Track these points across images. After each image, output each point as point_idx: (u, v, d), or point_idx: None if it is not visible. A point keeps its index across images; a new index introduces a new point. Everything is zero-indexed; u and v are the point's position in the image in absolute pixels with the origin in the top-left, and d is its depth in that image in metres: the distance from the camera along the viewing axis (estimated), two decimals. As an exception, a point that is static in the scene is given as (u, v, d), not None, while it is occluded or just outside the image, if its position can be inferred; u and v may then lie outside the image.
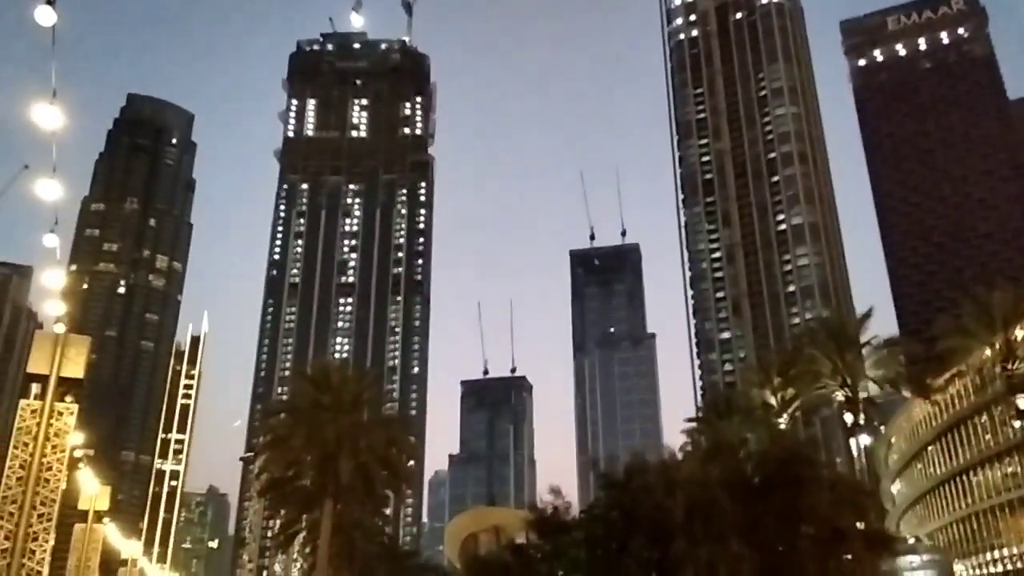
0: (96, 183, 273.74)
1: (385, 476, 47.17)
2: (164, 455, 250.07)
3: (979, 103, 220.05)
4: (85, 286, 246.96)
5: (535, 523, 39.65)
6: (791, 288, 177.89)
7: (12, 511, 13.10)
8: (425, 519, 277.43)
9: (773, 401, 55.94)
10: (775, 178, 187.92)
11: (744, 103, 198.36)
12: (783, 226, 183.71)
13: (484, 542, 68.47)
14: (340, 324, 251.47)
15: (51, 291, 15.21)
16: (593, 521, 34.92)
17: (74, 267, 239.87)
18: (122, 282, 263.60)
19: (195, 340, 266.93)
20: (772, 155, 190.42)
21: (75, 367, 14.17)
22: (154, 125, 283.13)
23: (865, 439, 55.32)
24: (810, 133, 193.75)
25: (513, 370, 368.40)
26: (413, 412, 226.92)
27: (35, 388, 14.47)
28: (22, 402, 14.28)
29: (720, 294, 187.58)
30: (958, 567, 67.16)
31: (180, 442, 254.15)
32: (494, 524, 71.82)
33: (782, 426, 53.54)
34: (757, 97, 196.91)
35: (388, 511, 75.90)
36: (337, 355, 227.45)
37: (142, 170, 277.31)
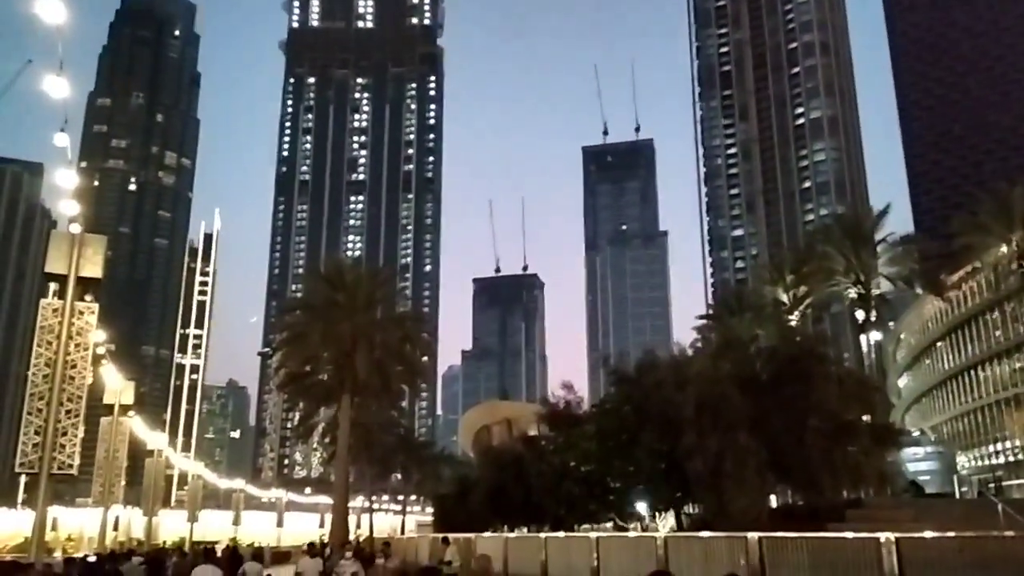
0: (101, 78, 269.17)
1: (400, 371, 48.28)
2: (184, 350, 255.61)
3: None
4: (96, 183, 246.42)
5: (547, 416, 40.55)
6: (807, 185, 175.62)
7: (40, 407, 13.47)
8: (439, 412, 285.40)
9: (785, 298, 56.07)
10: (795, 70, 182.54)
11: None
12: (801, 120, 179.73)
13: (497, 434, 70.42)
14: (352, 222, 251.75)
15: (65, 191, 15.14)
16: (604, 415, 35.63)
17: (84, 164, 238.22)
18: (132, 179, 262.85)
19: (208, 237, 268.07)
20: (793, 45, 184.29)
21: (93, 266, 14.25)
22: (156, 16, 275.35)
23: (875, 335, 55.73)
24: (833, 23, 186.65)
25: (525, 268, 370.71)
26: (426, 309, 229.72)
27: (53, 287, 14.58)
28: (43, 302, 14.43)
29: (734, 191, 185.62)
30: (960, 459, 68.86)
31: (198, 337, 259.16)
32: (506, 417, 73.72)
33: (793, 323, 53.85)
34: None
35: (404, 404, 78.07)
36: (349, 253, 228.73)
37: (146, 63, 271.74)
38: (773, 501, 34.90)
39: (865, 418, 33.55)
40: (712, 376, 29.33)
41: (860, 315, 52.32)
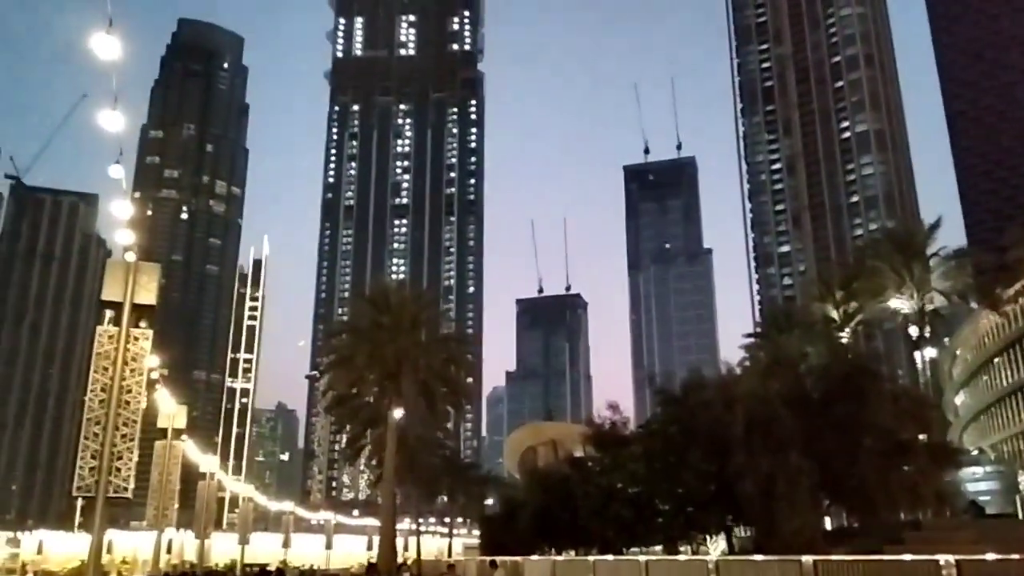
0: (153, 110, 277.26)
1: (445, 392, 48.43)
2: (234, 374, 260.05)
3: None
4: (149, 213, 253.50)
5: (593, 437, 40.22)
6: (854, 199, 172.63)
7: (97, 431, 13.82)
8: (485, 433, 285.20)
9: (835, 315, 54.94)
10: (839, 83, 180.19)
11: (807, 3, 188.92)
12: (847, 134, 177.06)
13: (543, 455, 70.10)
14: (396, 245, 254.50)
15: (120, 221, 15.60)
16: (651, 435, 35.24)
17: (137, 194, 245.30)
18: (184, 208, 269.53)
19: (257, 263, 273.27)
20: (836, 59, 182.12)
21: (147, 294, 14.63)
22: (206, 50, 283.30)
23: (930, 352, 54.23)
24: (877, 34, 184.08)
25: (568, 288, 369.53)
26: (469, 331, 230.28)
27: (109, 314, 15.00)
28: (99, 328, 14.86)
29: (780, 207, 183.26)
30: (1022, 477, 66.42)
31: (248, 361, 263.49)
32: (552, 438, 73.35)
33: (844, 340, 52.73)
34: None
35: (449, 426, 78.28)
36: (393, 276, 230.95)
37: (197, 96, 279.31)
38: (827, 523, 34.07)
39: (921, 437, 32.62)
40: (761, 395, 28.88)
41: (914, 331, 50.99)
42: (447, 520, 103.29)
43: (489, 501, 79.50)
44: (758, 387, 30.18)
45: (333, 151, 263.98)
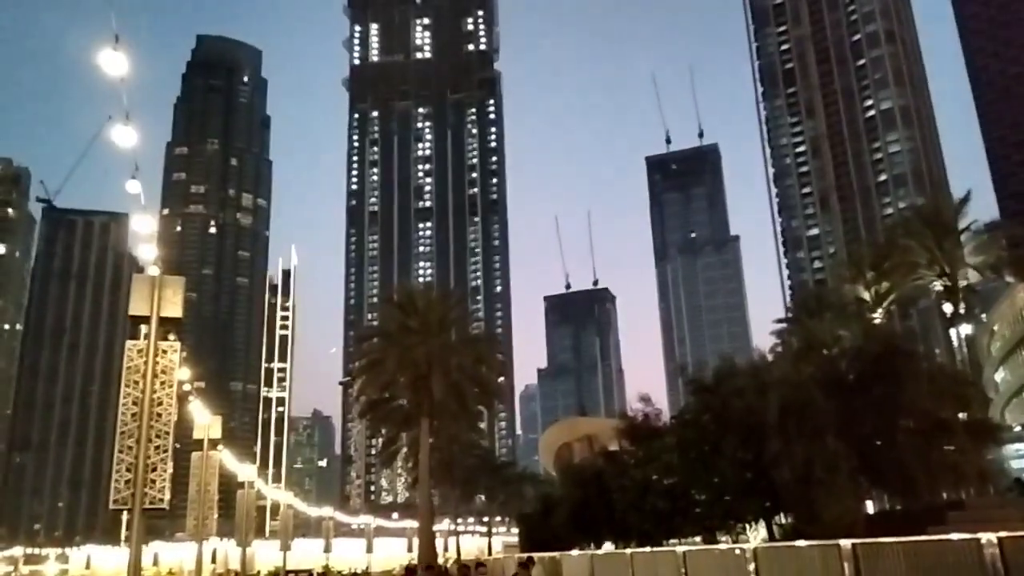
0: (177, 128, 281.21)
1: (476, 392, 48.55)
2: (269, 383, 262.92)
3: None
4: (179, 228, 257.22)
5: (626, 430, 40.03)
6: (882, 178, 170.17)
7: (130, 445, 14.03)
8: (519, 431, 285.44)
9: (867, 296, 54.16)
10: (861, 61, 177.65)
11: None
12: (871, 112, 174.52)
13: (578, 451, 69.91)
14: (421, 248, 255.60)
15: (143, 235, 15.82)
16: (684, 426, 34.97)
17: (166, 211, 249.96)
18: (212, 222, 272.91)
19: (286, 273, 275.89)
20: (856, 37, 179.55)
21: (173, 307, 14.82)
22: (225, 65, 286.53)
23: (966, 328, 53.25)
24: (897, 10, 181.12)
25: (595, 282, 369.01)
26: (499, 330, 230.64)
27: (144, 328, 15.23)
28: (128, 343, 15.10)
29: (806, 189, 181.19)
30: (1070, 453, 64.90)
31: (282, 370, 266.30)
32: (586, 433, 73.12)
33: (877, 321, 51.96)
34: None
35: (483, 425, 78.45)
36: (420, 279, 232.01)
37: (218, 111, 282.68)
38: (870, 507, 33.59)
39: (961, 415, 32.00)
40: (795, 380, 28.53)
41: (948, 308, 50.13)
42: (486, 519, 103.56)
43: (526, 499, 79.53)
44: (791, 372, 29.82)
45: (355, 158, 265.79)
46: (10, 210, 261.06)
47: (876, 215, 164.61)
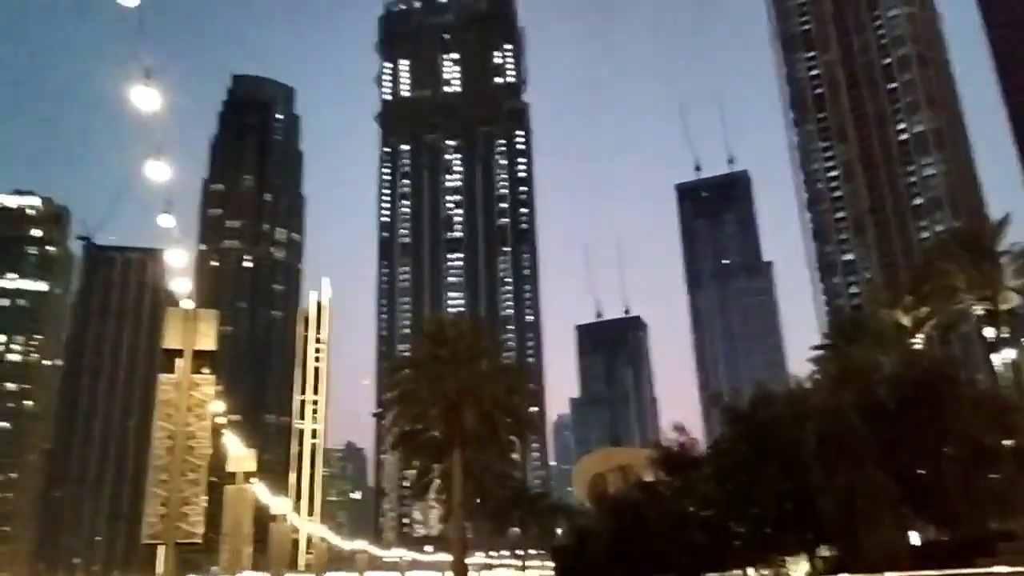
0: (213, 165, 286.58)
1: (508, 423, 48.16)
2: (303, 416, 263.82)
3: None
4: (215, 263, 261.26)
5: (662, 461, 39.52)
6: (917, 201, 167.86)
7: (165, 478, 14.05)
8: (552, 462, 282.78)
9: (905, 321, 53.09)
10: (892, 85, 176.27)
11: (852, 7, 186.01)
12: (904, 135, 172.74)
13: (612, 481, 68.95)
14: (452, 279, 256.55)
15: (177, 269, 16.00)
16: (721, 456, 34.41)
17: (203, 246, 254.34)
18: (247, 256, 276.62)
19: (319, 306, 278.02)
20: (887, 61, 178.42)
21: (207, 339, 14.92)
22: (259, 103, 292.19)
23: (1010, 353, 51.88)
24: (927, 33, 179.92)
25: (627, 311, 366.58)
26: (530, 359, 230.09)
27: (180, 362, 15.30)
28: (161, 376, 15.21)
29: (840, 214, 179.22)
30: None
31: (315, 403, 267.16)
32: (620, 464, 72.12)
33: (917, 347, 50.86)
34: (866, 0, 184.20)
35: (515, 456, 77.80)
36: (452, 309, 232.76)
37: (253, 148, 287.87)
38: (914, 538, 32.60)
39: (1007, 442, 31.06)
40: (834, 408, 27.98)
41: (990, 333, 48.94)
42: (520, 552, 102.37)
43: (561, 531, 78.56)
44: (830, 400, 29.25)
45: (386, 191, 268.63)
46: (51, 248, 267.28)
47: (912, 239, 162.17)
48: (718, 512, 31.79)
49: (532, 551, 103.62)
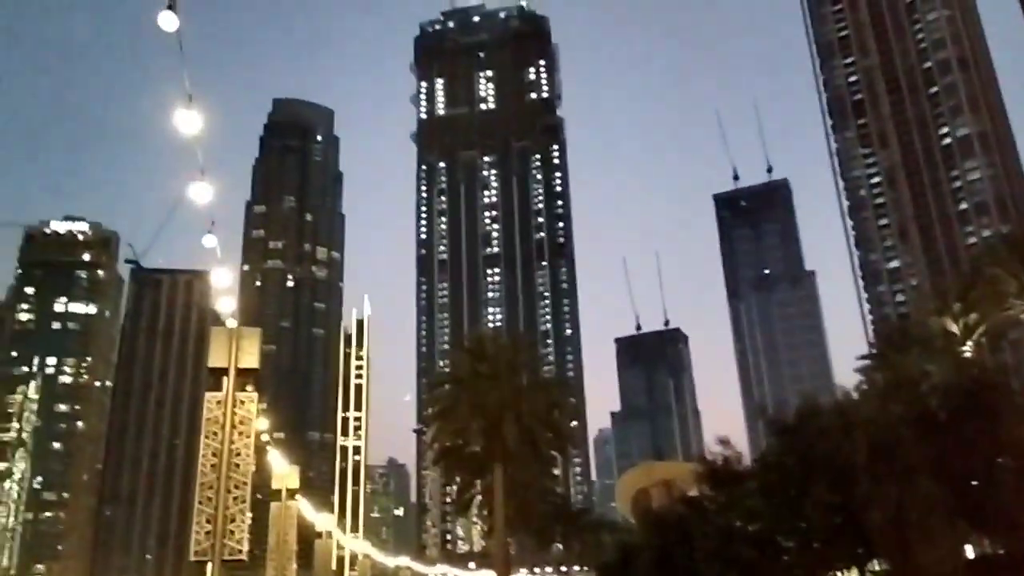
0: (255, 187, 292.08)
1: (549, 437, 48.05)
2: (345, 432, 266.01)
3: None
4: (258, 283, 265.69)
5: (706, 475, 38.96)
6: (963, 206, 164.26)
7: (210, 496, 14.25)
8: (595, 477, 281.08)
9: (954, 328, 51.92)
10: (933, 89, 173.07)
11: (890, 12, 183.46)
12: (947, 140, 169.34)
13: (656, 496, 68.33)
14: (490, 294, 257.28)
15: (222, 288, 16.29)
16: (767, 469, 33.83)
17: (246, 267, 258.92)
18: (290, 276, 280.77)
19: (360, 324, 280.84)
20: (927, 64, 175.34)
21: (250, 357, 15.16)
22: (299, 126, 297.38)
23: (1066, 360, 50.35)
24: (968, 35, 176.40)
25: (666, 323, 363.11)
26: (570, 374, 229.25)
27: (223, 380, 15.54)
28: (207, 394, 15.49)
29: (884, 221, 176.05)
30: None
31: (358, 419, 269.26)
32: (664, 478, 71.50)
33: (967, 354, 49.64)
34: (904, 4, 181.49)
35: (557, 472, 77.45)
36: (490, 325, 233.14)
37: (294, 169, 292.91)
38: (969, 552, 31.68)
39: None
40: (883, 419, 27.42)
41: (1044, 339, 47.58)
42: (564, 568, 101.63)
43: (604, 547, 77.84)
44: (878, 410, 28.66)
45: (423, 208, 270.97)
46: (100, 272, 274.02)
47: (959, 245, 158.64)
48: (765, 527, 31.22)
49: (576, 568, 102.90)
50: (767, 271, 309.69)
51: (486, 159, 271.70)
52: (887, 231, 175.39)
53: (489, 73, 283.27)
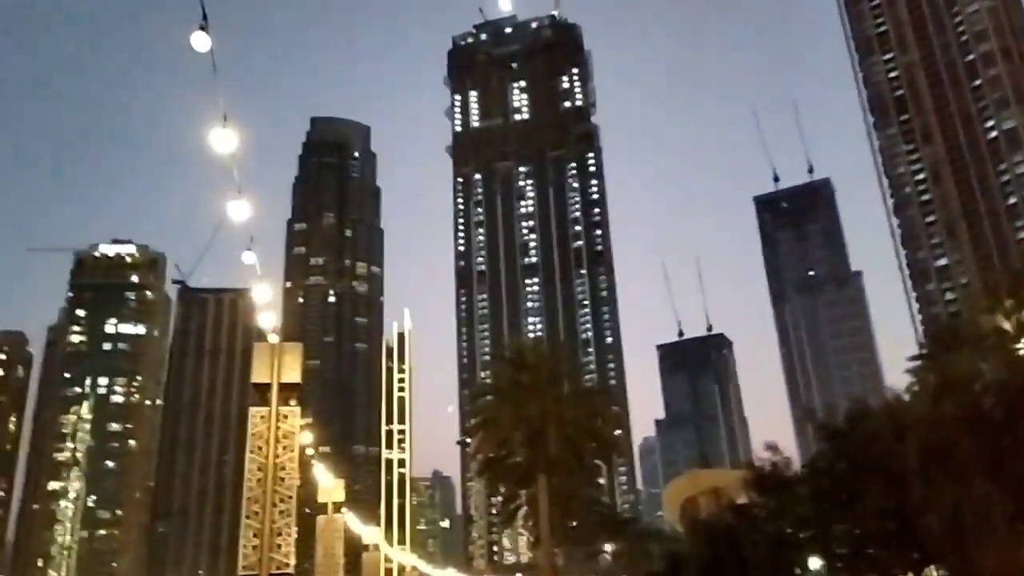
0: (296, 205, 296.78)
1: (593, 446, 47.71)
2: (389, 445, 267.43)
3: None
4: (301, 300, 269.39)
5: (754, 482, 38.40)
6: (1012, 200, 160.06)
7: (257, 510, 14.41)
8: (640, 486, 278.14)
9: (1007, 326, 50.29)
10: (976, 82, 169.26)
11: (929, 6, 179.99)
12: (993, 133, 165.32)
13: (704, 505, 67.38)
14: (529, 304, 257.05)
15: (263, 305, 16.51)
16: (817, 475, 33.21)
17: (289, 284, 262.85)
18: (331, 292, 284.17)
19: (401, 337, 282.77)
20: (970, 57, 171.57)
21: (292, 372, 15.32)
22: (337, 143, 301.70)
23: None
24: (1011, 26, 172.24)
25: (709, 328, 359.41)
26: (612, 382, 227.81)
27: (269, 395, 15.73)
28: (251, 409, 15.69)
29: (930, 218, 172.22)
30: None
31: (402, 432, 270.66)
32: (711, 486, 70.50)
33: (1021, 352, 48.13)
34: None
35: (602, 481, 76.84)
36: (530, 334, 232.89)
37: (333, 186, 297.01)
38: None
39: None
40: (935, 420, 26.72)
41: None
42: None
43: (652, 556, 77.00)
44: (931, 412, 27.96)
45: (461, 220, 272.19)
46: (149, 293, 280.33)
47: (1009, 240, 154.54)
48: (817, 533, 30.59)
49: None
50: (812, 272, 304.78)
51: (521, 169, 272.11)
52: (934, 228, 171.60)
53: (522, 83, 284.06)
